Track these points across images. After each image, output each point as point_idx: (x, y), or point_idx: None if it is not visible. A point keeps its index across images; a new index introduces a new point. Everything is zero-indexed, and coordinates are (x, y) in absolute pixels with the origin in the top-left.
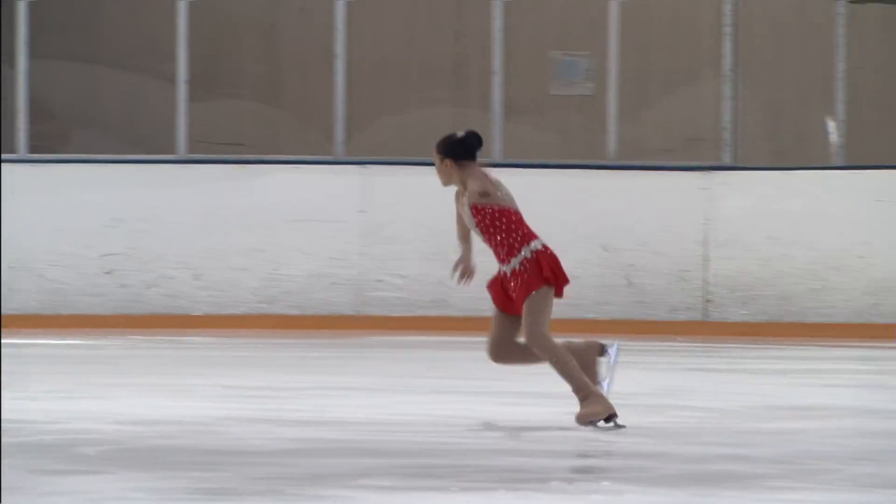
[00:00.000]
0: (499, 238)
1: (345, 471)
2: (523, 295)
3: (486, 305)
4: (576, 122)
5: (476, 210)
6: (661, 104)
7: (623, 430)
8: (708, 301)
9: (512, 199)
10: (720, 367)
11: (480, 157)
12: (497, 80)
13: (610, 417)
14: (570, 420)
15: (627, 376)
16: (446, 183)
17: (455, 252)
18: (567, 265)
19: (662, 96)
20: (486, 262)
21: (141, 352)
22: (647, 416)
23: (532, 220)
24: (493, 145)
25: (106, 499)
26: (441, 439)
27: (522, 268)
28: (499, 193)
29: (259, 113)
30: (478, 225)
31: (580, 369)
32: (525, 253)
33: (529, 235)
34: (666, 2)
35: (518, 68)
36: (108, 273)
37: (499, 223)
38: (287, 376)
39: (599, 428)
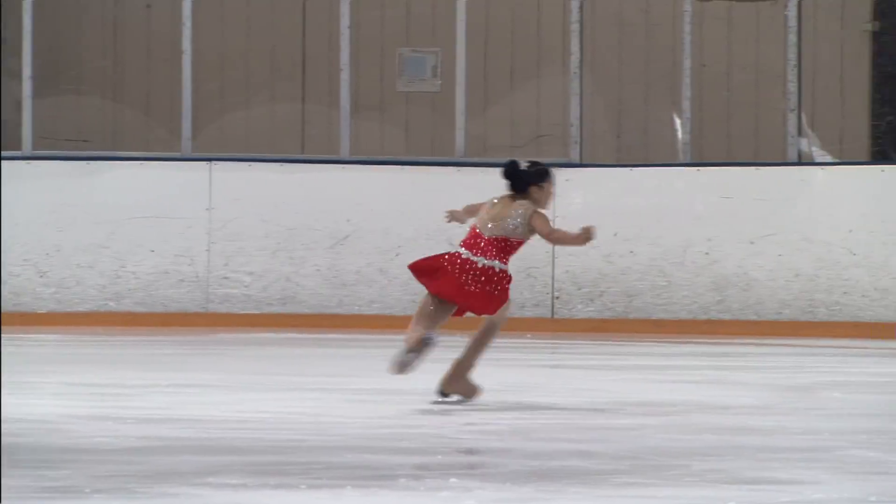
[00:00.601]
0: None
1: (192, 468)
2: None
3: (333, 302)
4: (423, 118)
5: None
6: (508, 101)
7: (472, 426)
8: (556, 298)
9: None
10: (567, 364)
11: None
12: (344, 77)
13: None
14: (419, 417)
15: (474, 373)
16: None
17: (301, 250)
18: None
19: (509, 93)
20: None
21: None
22: (495, 412)
23: (379, 216)
24: (340, 142)
25: None
26: (289, 436)
27: None
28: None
29: (104, 109)
30: None
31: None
32: None
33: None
34: None
35: (365, 64)
36: None
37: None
38: (133, 373)
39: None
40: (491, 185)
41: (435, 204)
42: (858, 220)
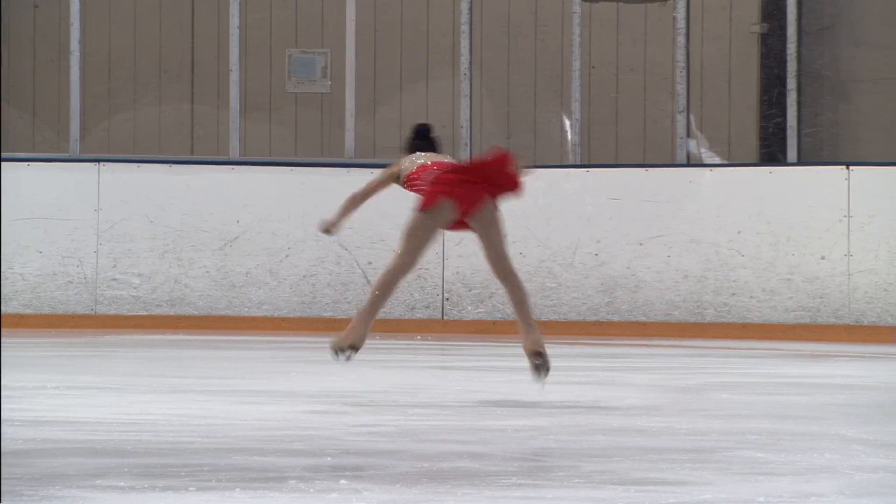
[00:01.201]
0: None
1: (79, 471)
2: None
3: (222, 304)
4: (313, 119)
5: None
6: (397, 102)
7: (361, 428)
8: (445, 299)
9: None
10: (457, 365)
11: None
12: (233, 77)
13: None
14: (308, 419)
15: (364, 374)
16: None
17: (190, 251)
18: (303, 264)
19: (399, 94)
20: None
21: None
22: (384, 413)
23: (268, 217)
24: (230, 143)
25: None
26: (177, 438)
27: None
28: (403, 166)
29: None
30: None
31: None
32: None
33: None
34: (404, 0)
35: (254, 65)
36: None
37: (410, 185)
38: (20, 375)
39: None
40: None
41: (324, 205)
42: (746, 222)
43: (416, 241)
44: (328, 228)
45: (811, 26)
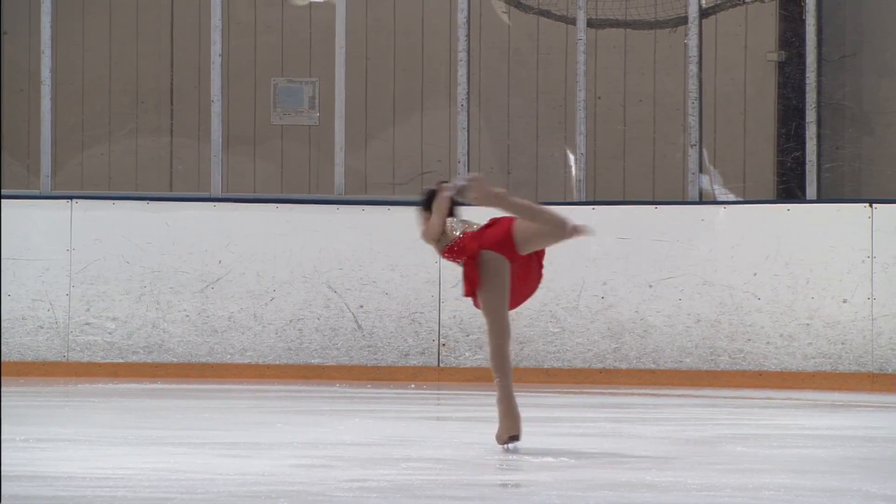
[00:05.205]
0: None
1: None
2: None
3: (202, 351)
4: (299, 153)
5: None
6: (390, 135)
7: (352, 483)
8: (442, 345)
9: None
10: (453, 416)
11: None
12: (215, 108)
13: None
14: (295, 473)
15: (354, 425)
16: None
17: (168, 294)
18: (289, 308)
19: (392, 126)
20: None
21: None
22: (375, 467)
23: (252, 258)
24: (212, 178)
25: None
26: (155, 495)
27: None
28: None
29: None
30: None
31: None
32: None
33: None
34: (397, 26)
35: (237, 95)
36: None
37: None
38: None
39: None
40: (372, 223)
41: (312, 244)
42: (763, 263)
43: None
44: None
45: (832, 54)
